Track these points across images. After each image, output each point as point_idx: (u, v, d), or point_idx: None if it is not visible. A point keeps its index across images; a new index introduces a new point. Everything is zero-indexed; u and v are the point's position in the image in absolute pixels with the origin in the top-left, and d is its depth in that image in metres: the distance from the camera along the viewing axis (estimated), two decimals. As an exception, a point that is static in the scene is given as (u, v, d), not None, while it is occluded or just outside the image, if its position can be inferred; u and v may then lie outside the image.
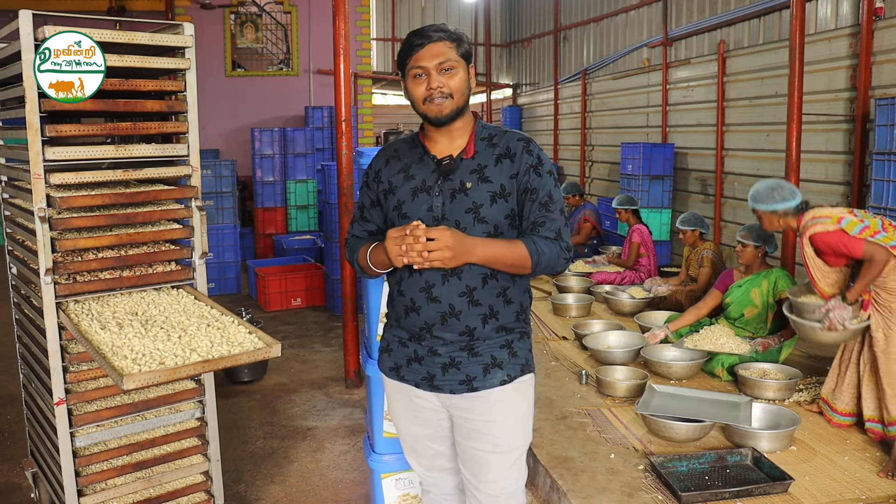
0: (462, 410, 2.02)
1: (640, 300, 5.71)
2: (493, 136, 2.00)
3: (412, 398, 2.08)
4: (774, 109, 6.71)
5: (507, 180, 1.94)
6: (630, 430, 3.55)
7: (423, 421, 2.10)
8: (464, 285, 1.93)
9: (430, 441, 2.14)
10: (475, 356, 1.97)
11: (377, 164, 2.09)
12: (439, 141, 2.00)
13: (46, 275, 2.29)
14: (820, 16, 6.20)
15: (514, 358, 2.01)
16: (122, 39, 2.37)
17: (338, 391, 4.70)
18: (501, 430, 2.01)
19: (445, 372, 1.98)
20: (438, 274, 1.93)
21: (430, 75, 1.91)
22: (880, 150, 4.83)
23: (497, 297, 1.97)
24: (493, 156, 1.96)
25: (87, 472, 2.45)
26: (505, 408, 2.00)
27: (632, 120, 9.65)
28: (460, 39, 1.94)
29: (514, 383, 2.00)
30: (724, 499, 2.90)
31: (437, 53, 1.90)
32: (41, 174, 2.27)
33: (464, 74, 1.93)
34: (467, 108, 1.98)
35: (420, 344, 2.01)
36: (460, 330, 1.96)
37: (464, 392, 1.98)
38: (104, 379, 2.49)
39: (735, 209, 7.48)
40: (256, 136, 9.11)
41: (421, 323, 1.98)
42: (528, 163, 1.94)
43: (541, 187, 1.93)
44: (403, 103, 17.75)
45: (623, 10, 9.93)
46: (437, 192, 1.95)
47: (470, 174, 1.94)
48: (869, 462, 3.20)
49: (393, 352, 2.08)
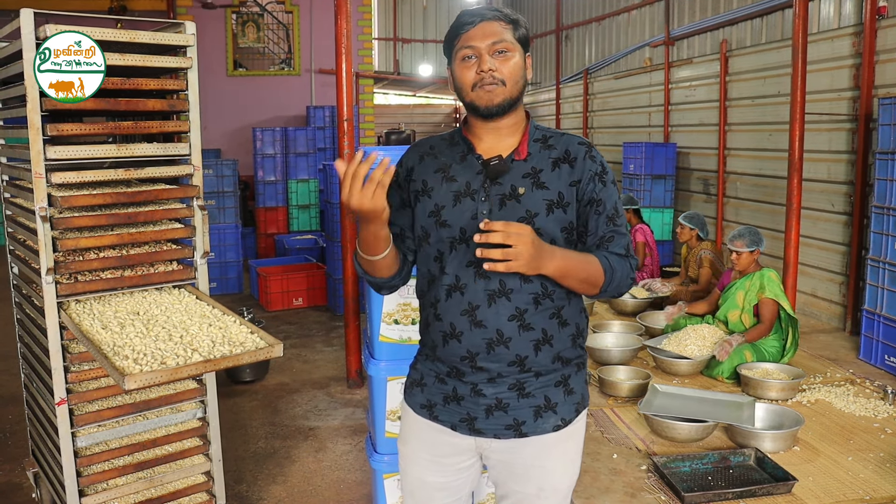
0: (503, 454, 1.76)
1: (641, 300, 5.71)
2: (549, 137, 1.74)
3: (440, 439, 1.79)
4: (777, 109, 6.70)
5: (567, 188, 1.67)
6: (633, 431, 3.54)
7: (440, 468, 1.82)
8: (513, 307, 1.65)
9: (437, 491, 1.85)
10: (526, 397, 1.70)
11: (409, 160, 1.83)
12: (485, 138, 1.73)
13: (48, 274, 2.29)
14: (823, 15, 6.18)
15: (569, 396, 1.74)
16: (123, 38, 2.36)
17: (340, 391, 4.69)
18: (548, 475, 1.77)
19: (490, 415, 1.71)
20: (483, 294, 1.66)
21: (481, 57, 1.65)
22: (883, 149, 4.81)
23: (551, 318, 1.69)
24: (549, 159, 1.69)
25: (89, 473, 2.44)
26: (554, 453, 1.76)
27: (634, 119, 9.63)
28: (517, 22, 1.69)
29: (569, 427, 1.75)
30: (727, 499, 2.89)
31: (490, 33, 1.65)
32: (42, 173, 2.27)
33: (520, 60, 1.67)
34: (520, 102, 1.71)
35: (461, 381, 1.72)
36: (509, 360, 1.67)
37: (510, 437, 1.72)
38: (105, 379, 2.49)
39: (737, 209, 7.46)
40: (258, 136, 9.10)
41: (463, 352, 1.69)
42: (591, 170, 1.69)
43: (607, 199, 1.69)
44: (405, 103, 17.74)
45: (625, 10, 9.92)
46: (484, 197, 1.67)
47: (523, 178, 1.67)
48: (872, 462, 3.19)
49: (427, 387, 1.79)
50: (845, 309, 5.85)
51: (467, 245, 1.67)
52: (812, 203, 6.10)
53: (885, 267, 4.80)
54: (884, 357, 4.78)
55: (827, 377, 4.40)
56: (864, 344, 4.98)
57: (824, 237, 6.12)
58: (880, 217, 4.85)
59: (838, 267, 5.99)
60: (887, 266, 4.79)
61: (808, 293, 6.29)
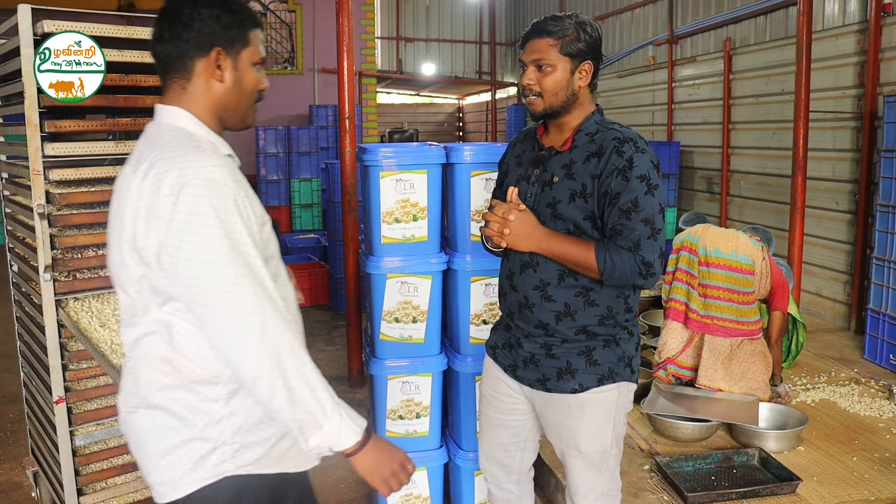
0: (540, 406, 2.05)
1: (643, 298, 5.68)
2: (598, 132, 1.92)
3: (498, 379, 2.12)
4: (781, 107, 6.66)
5: (590, 180, 1.86)
6: (635, 430, 3.51)
7: (498, 404, 2.13)
8: (538, 279, 1.92)
9: (498, 428, 2.16)
10: (551, 357, 1.96)
11: (509, 146, 2.15)
12: (551, 131, 2.01)
13: (46, 272, 2.28)
14: (827, 12, 6.15)
15: (592, 367, 1.94)
16: (122, 34, 2.34)
17: (341, 390, 4.68)
18: (572, 435, 2.00)
19: (526, 366, 2.01)
20: (518, 262, 1.96)
21: (526, 70, 1.93)
22: (888, 147, 4.78)
23: (576, 296, 1.91)
24: (586, 152, 1.89)
25: (87, 471, 2.43)
26: (575, 414, 1.97)
27: (637, 118, 9.60)
28: (570, 36, 1.89)
29: (588, 393, 1.94)
30: (730, 499, 2.86)
31: (534, 50, 1.90)
32: (40, 170, 2.26)
33: (562, 75, 1.89)
34: (572, 105, 1.93)
35: (510, 332, 2.05)
36: (535, 323, 1.95)
37: (539, 390, 2.00)
38: (104, 377, 2.48)
39: (741, 208, 7.43)
40: (260, 135, 9.09)
41: (507, 309, 2.04)
42: (615, 164, 1.83)
43: (624, 192, 1.81)
44: (408, 102, 17.74)
45: (628, 8, 9.88)
46: (534, 181, 1.96)
47: (560, 168, 1.91)
48: (878, 463, 3.17)
49: (497, 332, 2.14)
50: (850, 308, 5.82)
51: None
52: (816, 202, 6.06)
53: (891, 266, 4.77)
54: (889, 356, 4.75)
55: (831, 377, 4.37)
56: (869, 343, 4.95)
57: (829, 236, 6.08)
58: (885, 215, 4.81)
59: (843, 266, 5.95)
60: (892, 265, 4.75)
61: (813, 292, 6.25)
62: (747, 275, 3.66)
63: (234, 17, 1.44)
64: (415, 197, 2.68)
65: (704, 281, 3.71)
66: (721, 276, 3.67)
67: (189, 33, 1.41)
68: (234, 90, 1.48)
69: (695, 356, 3.80)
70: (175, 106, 1.46)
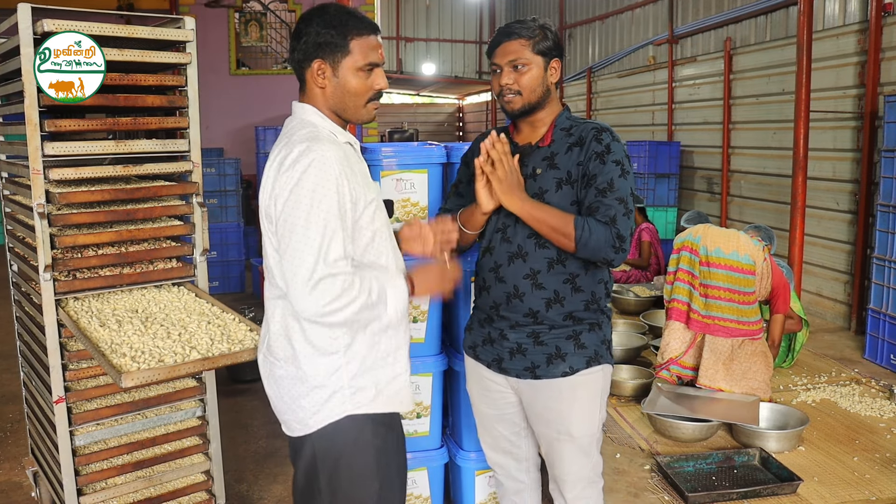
0: (528, 395, 2.10)
1: (644, 299, 5.68)
2: (573, 126, 2.04)
3: (483, 377, 2.18)
4: (781, 107, 6.66)
5: (574, 167, 1.97)
6: (636, 430, 3.51)
7: (490, 401, 2.20)
8: (528, 268, 1.99)
9: (496, 422, 2.23)
10: (540, 345, 2.02)
11: (475, 145, 2.21)
12: (523, 130, 2.10)
13: (45, 272, 2.27)
14: (827, 12, 6.14)
15: (580, 350, 2.03)
16: (122, 33, 2.34)
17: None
18: (563, 419, 2.06)
19: (512, 357, 2.06)
20: (505, 254, 2.02)
21: (502, 72, 2.01)
22: (889, 147, 4.78)
23: (564, 283, 2.00)
24: (566, 144, 2.01)
25: (87, 471, 2.43)
26: (566, 398, 2.04)
27: (637, 118, 9.60)
28: (538, 36, 1.99)
29: (578, 375, 2.02)
30: (731, 499, 2.86)
31: (509, 52, 1.99)
32: (40, 170, 2.25)
33: (537, 72, 1.99)
34: (546, 101, 2.03)
35: (492, 326, 2.10)
36: (524, 312, 2.01)
37: (528, 378, 2.05)
38: (104, 377, 2.47)
39: (741, 207, 7.43)
40: (261, 135, 9.08)
41: (490, 302, 2.08)
42: (594, 150, 1.96)
43: (601, 174, 1.93)
44: (408, 102, 17.73)
45: (629, 8, 9.88)
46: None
47: (542, 161, 2.01)
48: (878, 463, 3.17)
49: (473, 331, 2.20)
50: (850, 308, 5.81)
51: (497, 214, 2.05)
52: (817, 202, 6.06)
53: (891, 266, 4.76)
54: (889, 356, 4.75)
55: (832, 377, 4.37)
56: (870, 343, 4.95)
57: (829, 236, 6.08)
58: (886, 215, 4.81)
59: (843, 266, 5.95)
60: (893, 265, 4.75)
61: (814, 292, 6.25)
62: (748, 275, 3.65)
63: (334, 31, 1.71)
64: (415, 196, 2.68)
65: (705, 281, 3.70)
66: (722, 276, 3.67)
67: (300, 46, 1.74)
68: (337, 92, 1.75)
69: (696, 356, 3.80)
70: (304, 102, 1.80)
